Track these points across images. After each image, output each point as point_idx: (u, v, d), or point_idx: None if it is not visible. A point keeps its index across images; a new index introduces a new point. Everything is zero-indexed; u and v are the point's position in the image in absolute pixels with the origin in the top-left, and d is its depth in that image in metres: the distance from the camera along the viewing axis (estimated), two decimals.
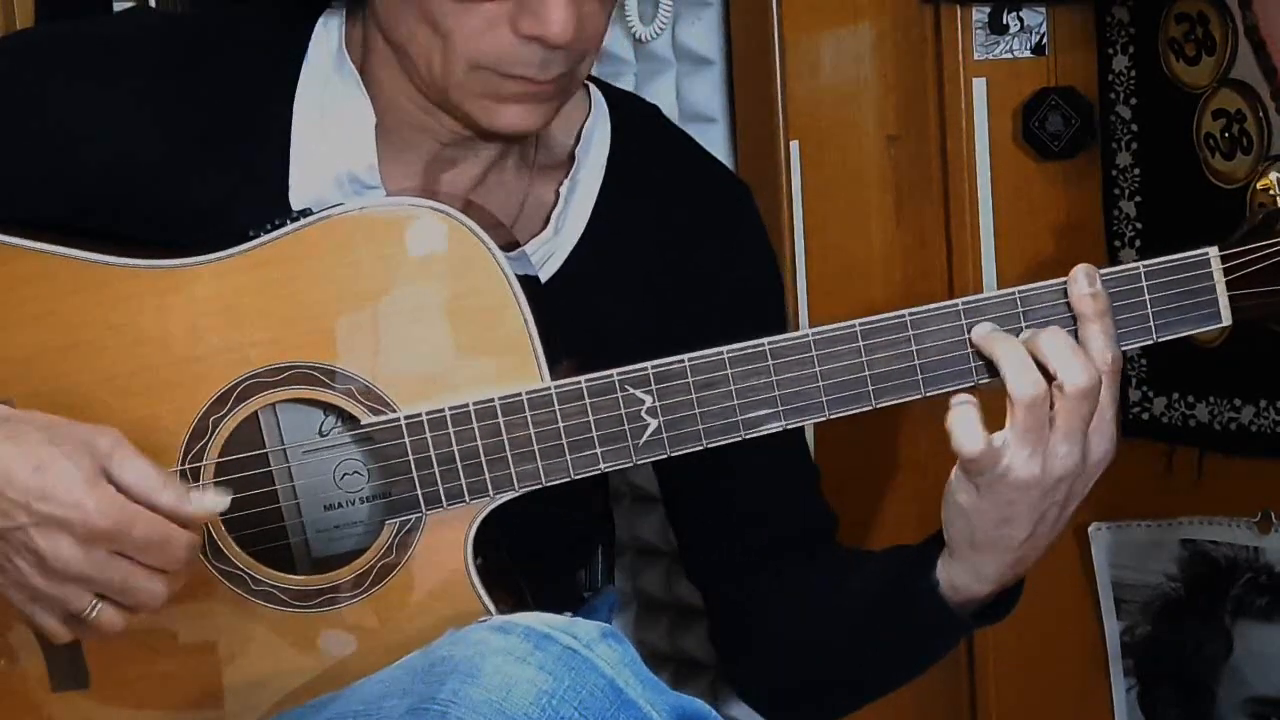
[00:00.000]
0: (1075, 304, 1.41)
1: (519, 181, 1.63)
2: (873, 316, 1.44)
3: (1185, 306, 1.44)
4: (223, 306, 1.46)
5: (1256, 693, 1.98)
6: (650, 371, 1.44)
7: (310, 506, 1.50)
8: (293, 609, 1.48)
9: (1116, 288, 1.43)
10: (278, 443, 1.48)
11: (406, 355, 1.46)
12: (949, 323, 1.44)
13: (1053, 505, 1.43)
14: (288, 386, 1.46)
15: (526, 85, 1.49)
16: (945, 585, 1.50)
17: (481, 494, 1.46)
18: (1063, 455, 1.40)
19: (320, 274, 1.46)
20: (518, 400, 1.44)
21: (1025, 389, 1.39)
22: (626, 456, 1.45)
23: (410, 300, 1.46)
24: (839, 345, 1.44)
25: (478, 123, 1.52)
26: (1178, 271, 1.44)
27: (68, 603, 1.37)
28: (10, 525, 1.34)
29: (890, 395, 1.45)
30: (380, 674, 1.37)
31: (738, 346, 1.44)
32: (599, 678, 1.29)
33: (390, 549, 1.47)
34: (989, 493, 1.42)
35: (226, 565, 1.47)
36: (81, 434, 1.37)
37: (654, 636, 2.35)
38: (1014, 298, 1.43)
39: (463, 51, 1.48)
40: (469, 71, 1.49)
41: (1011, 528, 1.44)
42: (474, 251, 1.45)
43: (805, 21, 2.13)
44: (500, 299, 1.45)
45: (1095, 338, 1.41)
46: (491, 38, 1.47)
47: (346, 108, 1.56)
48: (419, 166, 1.58)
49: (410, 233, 1.46)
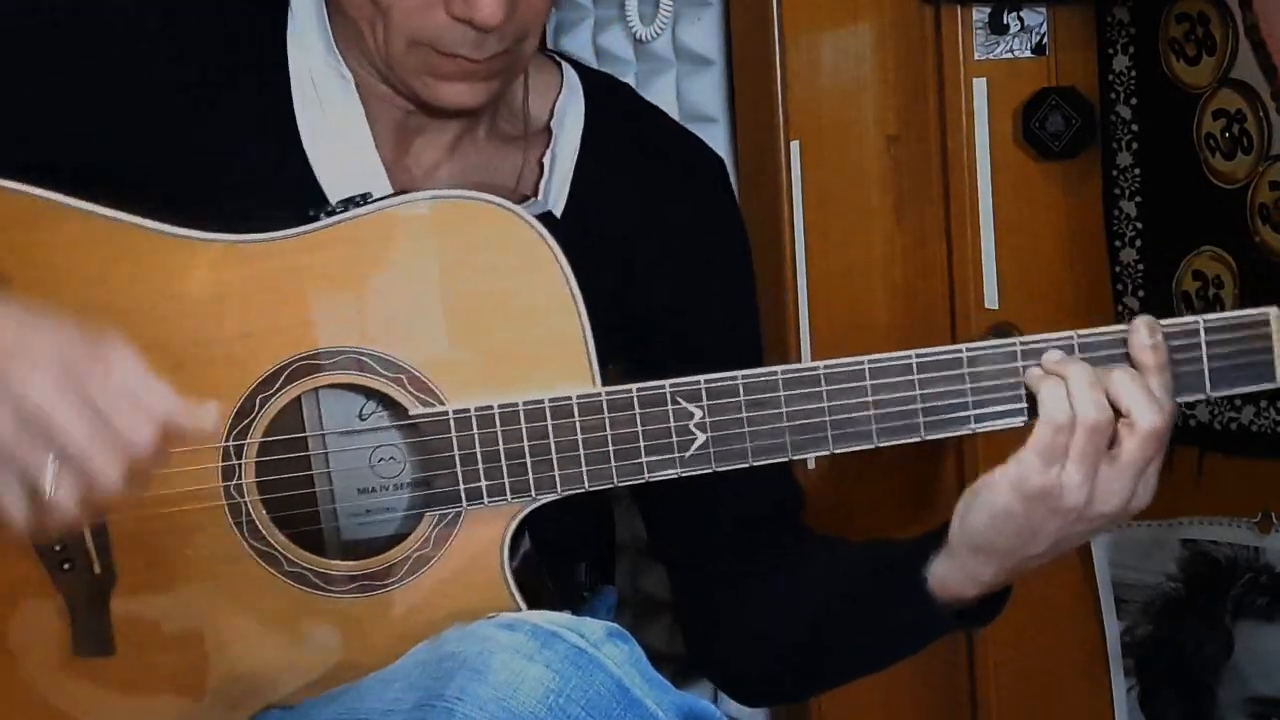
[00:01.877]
0: (1136, 354, 1.41)
1: (489, 149, 1.64)
2: (928, 349, 1.44)
3: (1241, 365, 1.44)
4: (279, 286, 1.46)
5: (1257, 692, 1.98)
6: (703, 385, 1.44)
7: (344, 490, 1.49)
8: (324, 593, 1.47)
9: (1174, 340, 1.43)
10: (317, 427, 1.48)
11: (459, 348, 1.46)
12: (1005, 361, 1.43)
13: (1078, 535, 1.44)
14: (338, 371, 1.46)
15: (462, 64, 1.51)
16: (934, 582, 1.49)
17: (524, 494, 1.45)
18: (1114, 491, 1.40)
19: (379, 262, 1.46)
20: (567, 404, 1.44)
21: (1089, 410, 1.38)
22: (672, 468, 1.45)
23: (467, 294, 1.46)
24: (893, 376, 1.43)
25: (419, 96, 1.54)
26: (1237, 329, 1.44)
27: (28, 457, 1.28)
28: None
29: (941, 429, 1.44)
30: (389, 668, 1.38)
31: (792, 368, 1.44)
32: (606, 676, 1.29)
33: (428, 541, 1.47)
34: (1030, 504, 1.41)
35: (261, 544, 1.46)
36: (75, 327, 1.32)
37: (654, 636, 2.35)
38: (1073, 343, 1.43)
39: (401, 27, 1.50)
40: (408, 47, 1.51)
41: (1031, 543, 1.43)
42: (535, 250, 1.45)
43: (805, 21, 2.13)
44: (558, 300, 1.45)
45: (1156, 390, 1.40)
46: (426, 16, 1.49)
47: (330, 72, 1.57)
48: (392, 134, 1.59)
49: (472, 227, 1.46)
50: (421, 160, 1.61)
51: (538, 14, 1.53)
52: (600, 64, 2.25)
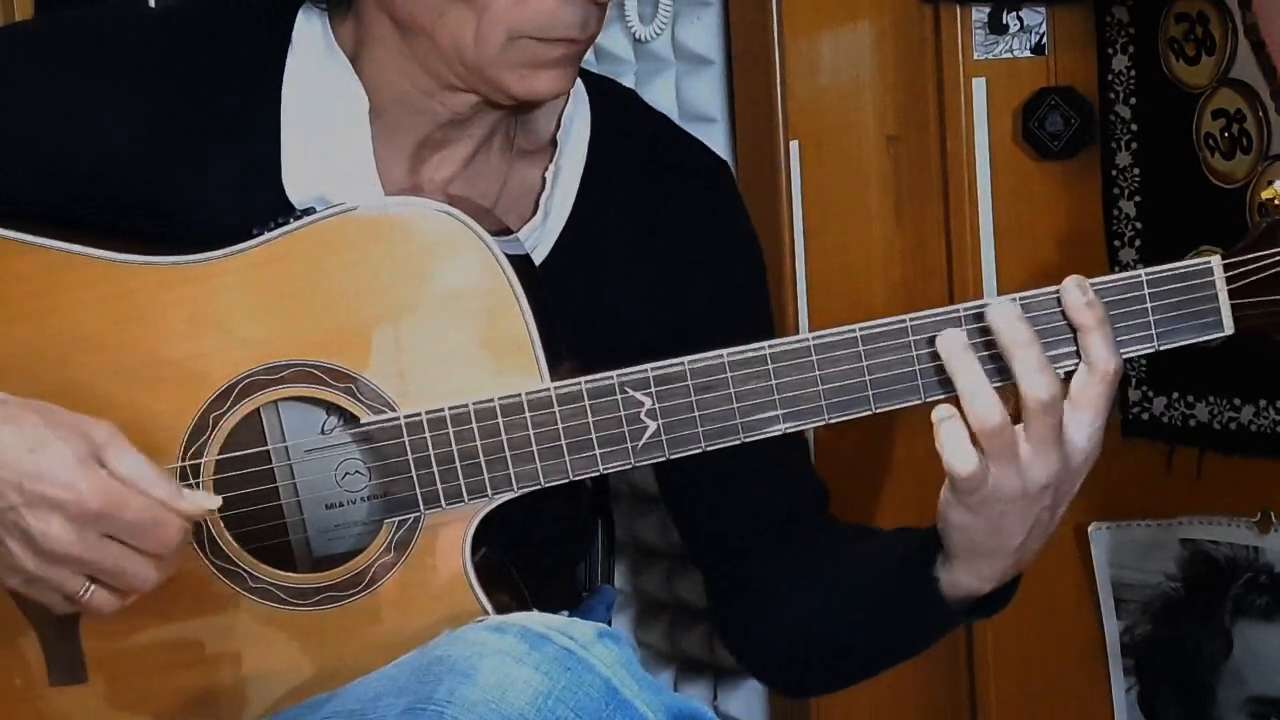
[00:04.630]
0: (1073, 315, 1.41)
1: (503, 164, 1.64)
2: (873, 321, 1.44)
3: (1187, 315, 1.43)
4: (225, 303, 1.47)
5: (1256, 692, 1.98)
6: (650, 373, 1.45)
7: (311, 505, 1.50)
8: (290, 607, 1.48)
9: (1118, 295, 1.43)
10: (279, 441, 1.49)
11: (408, 355, 1.46)
12: (951, 328, 1.43)
13: (1043, 510, 1.44)
14: (289, 384, 1.46)
15: (568, 48, 1.52)
16: (946, 583, 1.50)
17: (480, 494, 1.46)
18: (1040, 466, 1.41)
19: (323, 273, 1.47)
20: (517, 401, 1.45)
21: (988, 417, 1.39)
22: (625, 458, 1.46)
23: (412, 300, 1.47)
24: (839, 350, 1.44)
25: (510, 92, 1.53)
26: (1180, 280, 1.43)
27: (61, 585, 1.37)
28: (2, 505, 1.35)
29: (890, 400, 1.44)
30: (376, 673, 1.37)
31: (737, 350, 1.44)
32: (595, 678, 1.29)
33: (389, 548, 1.48)
34: (980, 509, 1.43)
35: (224, 562, 1.47)
36: (77, 421, 1.37)
37: (654, 636, 2.35)
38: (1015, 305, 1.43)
39: (503, 22, 1.49)
40: (508, 42, 1.50)
41: (1006, 536, 1.45)
42: (476, 252, 1.46)
43: (805, 21, 2.13)
44: (502, 300, 1.46)
45: (1097, 347, 1.40)
46: (534, 3, 1.49)
47: (338, 95, 1.57)
48: (409, 150, 1.60)
49: (412, 232, 1.47)
50: (435, 177, 1.61)
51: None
52: (600, 64, 2.25)
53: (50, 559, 1.36)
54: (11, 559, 1.36)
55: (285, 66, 1.58)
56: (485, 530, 1.49)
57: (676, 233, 1.69)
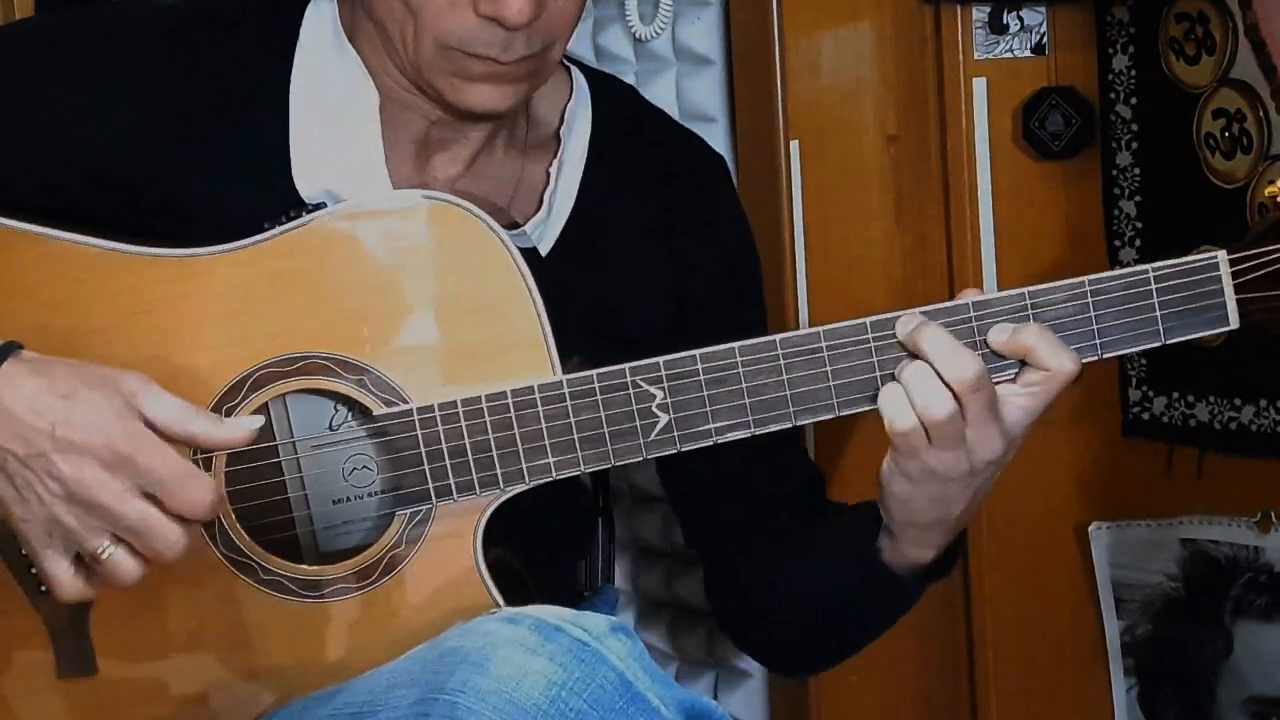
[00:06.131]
0: (1011, 352, 1.44)
1: (510, 163, 1.65)
2: (884, 315, 1.45)
3: (1194, 310, 1.45)
4: (237, 297, 1.47)
5: (1256, 692, 1.98)
6: (662, 365, 1.45)
7: (319, 500, 1.50)
8: (301, 599, 1.47)
9: (1126, 290, 1.44)
10: (287, 435, 1.48)
11: (420, 347, 1.46)
12: (961, 323, 1.45)
13: (985, 480, 1.48)
14: (300, 377, 1.46)
15: (491, 65, 1.51)
16: (890, 553, 1.54)
17: (492, 486, 1.46)
18: (984, 446, 1.44)
19: (335, 266, 1.47)
20: (529, 392, 1.44)
21: (931, 406, 1.43)
22: (637, 452, 1.46)
23: (423, 293, 1.47)
24: (850, 343, 1.44)
25: (448, 100, 1.54)
26: (1186, 275, 1.45)
27: (83, 539, 1.36)
28: (33, 451, 1.34)
29: None
30: (388, 665, 1.37)
31: (748, 343, 1.45)
32: (609, 670, 1.29)
33: (400, 540, 1.47)
34: (922, 485, 1.46)
35: (236, 554, 1.47)
36: (109, 373, 1.37)
37: (654, 636, 2.35)
38: (1025, 302, 1.45)
39: (430, 29, 1.50)
40: (436, 50, 1.51)
41: (949, 508, 1.49)
42: (488, 245, 1.46)
43: (805, 21, 2.13)
44: (514, 293, 1.46)
45: (1046, 358, 1.43)
46: (455, 16, 1.49)
47: (348, 89, 1.58)
48: (412, 149, 1.60)
49: (424, 226, 1.47)
50: (441, 175, 1.61)
51: (567, 20, 1.55)
52: (600, 63, 2.25)
53: (80, 504, 1.34)
54: (38, 507, 1.35)
55: (294, 62, 1.58)
56: (497, 527, 1.49)
57: (675, 226, 1.70)
